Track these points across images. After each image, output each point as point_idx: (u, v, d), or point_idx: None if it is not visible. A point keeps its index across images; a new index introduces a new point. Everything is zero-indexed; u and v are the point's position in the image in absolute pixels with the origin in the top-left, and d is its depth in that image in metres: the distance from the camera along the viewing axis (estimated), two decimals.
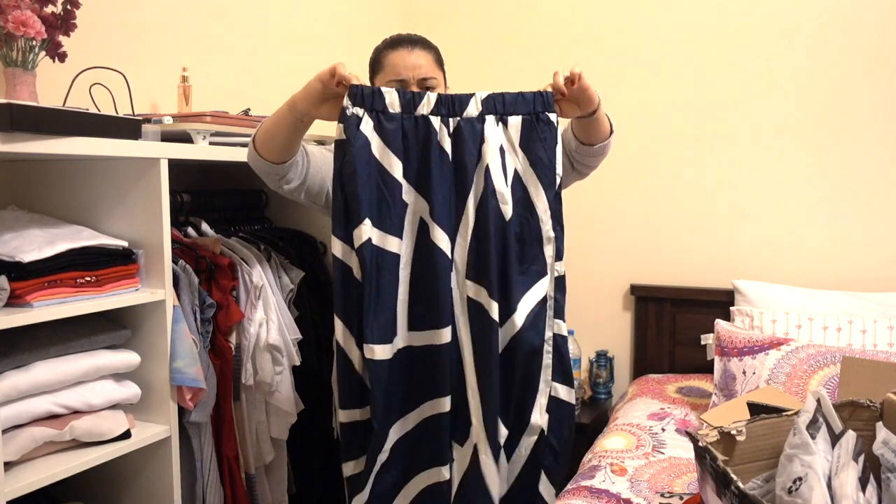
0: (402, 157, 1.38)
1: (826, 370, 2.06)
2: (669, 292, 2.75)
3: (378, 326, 1.36)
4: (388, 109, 1.38)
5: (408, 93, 1.40)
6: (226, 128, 1.69)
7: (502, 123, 1.41)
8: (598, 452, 1.97)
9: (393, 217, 1.38)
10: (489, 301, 1.38)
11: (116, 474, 1.58)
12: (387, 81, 1.58)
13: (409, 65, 1.58)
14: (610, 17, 2.81)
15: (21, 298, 1.30)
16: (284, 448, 1.88)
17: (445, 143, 1.39)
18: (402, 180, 1.39)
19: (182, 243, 1.68)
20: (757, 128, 2.63)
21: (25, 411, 1.31)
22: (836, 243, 2.55)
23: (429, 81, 1.59)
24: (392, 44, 1.63)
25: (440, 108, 1.40)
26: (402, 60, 1.58)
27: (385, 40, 1.67)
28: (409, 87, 1.56)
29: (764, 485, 1.16)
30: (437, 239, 1.38)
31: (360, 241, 1.35)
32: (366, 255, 1.34)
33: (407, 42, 1.61)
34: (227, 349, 1.69)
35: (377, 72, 1.64)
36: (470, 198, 1.40)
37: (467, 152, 1.39)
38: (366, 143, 1.36)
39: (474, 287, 1.40)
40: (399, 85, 1.55)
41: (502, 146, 1.41)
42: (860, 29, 2.47)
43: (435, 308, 1.38)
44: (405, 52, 1.59)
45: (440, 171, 1.38)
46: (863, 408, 1.20)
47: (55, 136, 1.28)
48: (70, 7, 1.50)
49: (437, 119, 1.39)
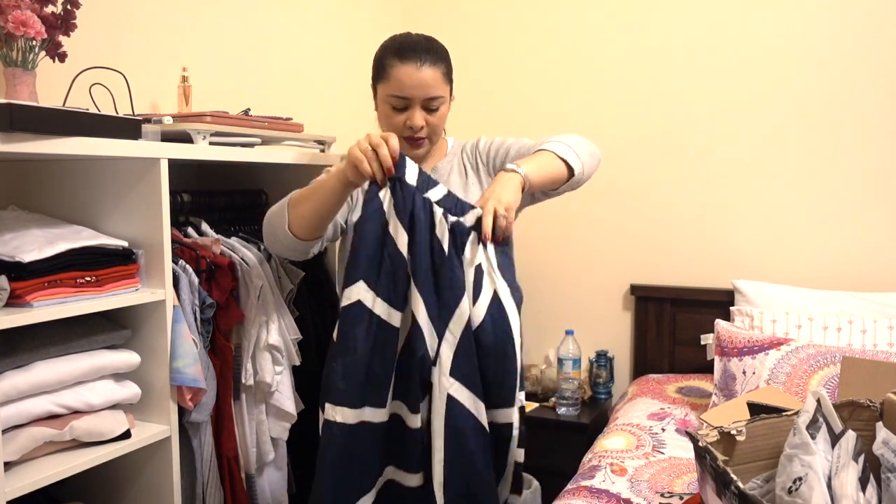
0: (407, 230, 1.36)
1: (826, 370, 2.06)
2: (669, 292, 2.75)
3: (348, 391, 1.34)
4: (406, 179, 1.37)
5: (424, 174, 1.40)
6: (226, 128, 1.69)
7: (482, 245, 1.36)
8: (598, 452, 1.97)
9: (398, 290, 1.36)
10: (474, 401, 1.34)
11: (116, 474, 1.58)
12: (389, 95, 1.56)
13: (416, 83, 1.54)
14: (610, 18, 2.81)
15: (21, 298, 1.30)
16: (284, 448, 1.88)
17: (445, 236, 1.36)
18: (406, 255, 1.36)
19: (182, 243, 1.68)
20: (757, 128, 2.63)
21: (25, 411, 1.31)
22: (836, 243, 2.55)
23: (434, 102, 1.57)
24: (400, 52, 1.55)
25: (445, 202, 1.39)
26: (409, 78, 1.54)
27: (394, 42, 1.59)
28: (414, 106, 1.55)
29: (764, 485, 1.16)
30: (421, 323, 1.34)
31: (348, 300, 1.34)
32: (350, 316, 1.34)
33: (416, 54, 1.55)
34: (227, 349, 1.69)
35: (381, 79, 1.59)
36: (464, 298, 1.35)
37: (461, 253, 1.36)
38: (379, 206, 1.36)
39: (457, 385, 1.33)
40: (402, 102, 1.55)
41: (481, 265, 1.36)
42: (860, 29, 2.47)
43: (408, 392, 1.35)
44: (413, 69, 1.53)
45: (436, 258, 1.36)
46: (863, 408, 1.20)
47: (55, 136, 1.28)
48: (70, 7, 1.50)
49: (441, 210, 1.38)
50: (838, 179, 2.53)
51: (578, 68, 2.87)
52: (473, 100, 2.93)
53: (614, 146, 2.83)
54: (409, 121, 1.57)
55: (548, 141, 1.59)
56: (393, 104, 1.57)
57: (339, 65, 2.70)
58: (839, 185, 2.53)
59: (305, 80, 2.55)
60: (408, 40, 1.58)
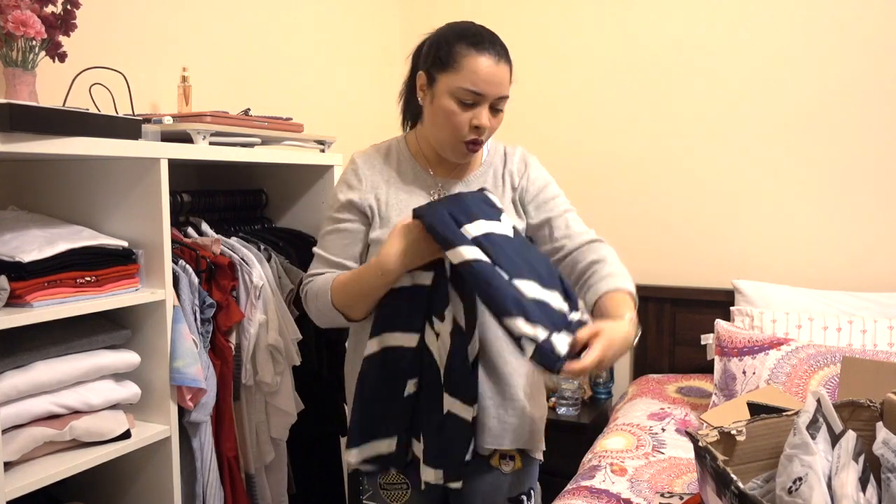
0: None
1: (826, 370, 2.06)
2: (669, 292, 2.75)
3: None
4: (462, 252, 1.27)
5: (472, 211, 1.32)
6: (226, 128, 1.69)
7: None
8: (598, 452, 1.97)
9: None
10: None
11: (116, 474, 1.58)
12: (460, 87, 1.36)
13: (493, 79, 1.36)
14: (609, 18, 2.81)
15: (21, 298, 1.30)
16: (284, 448, 1.88)
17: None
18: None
19: (182, 243, 1.68)
20: (757, 128, 2.63)
21: (25, 411, 1.31)
22: (836, 243, 2.55)
23: (502, 103, 1.40)
24: (476, 42, 1.37)
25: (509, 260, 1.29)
26: (488, 71, 1.35)
27: (462, 29, 1.41)
28: (483, 104, 1.37)
29: (764, 485, 1.16)
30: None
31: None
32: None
33: (494, 47, 1.38)
34: (227, 349, 1.69)
35: (448, 67, 1.37)
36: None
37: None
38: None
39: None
40: (474, 98, 1.36)
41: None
42: (860, 29, 2.46)
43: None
44: (492, 63, 1.36)
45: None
46: (863, 408, 1.20)
47: (55, 136, 1.28)
48: (70, 7, 1.50)
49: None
50: (838, 179, 2.53)
51: (578, 68, 2.87)
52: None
53: (614, 146, 2.83)
54: (477, 120, 1.38)
55: (619, 274, 1.42)
56: (462, 98, 1.36)
57: (339, 65, 2.70)
58: (839, 186, 2.53)
59: (305, 80, 2.55)
60: (481, 30, 1.41)
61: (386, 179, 1.49)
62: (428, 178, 1.50)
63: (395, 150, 1.54)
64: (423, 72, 1.43)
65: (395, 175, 1.50)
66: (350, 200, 1.48)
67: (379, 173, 1.50)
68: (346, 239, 1.48)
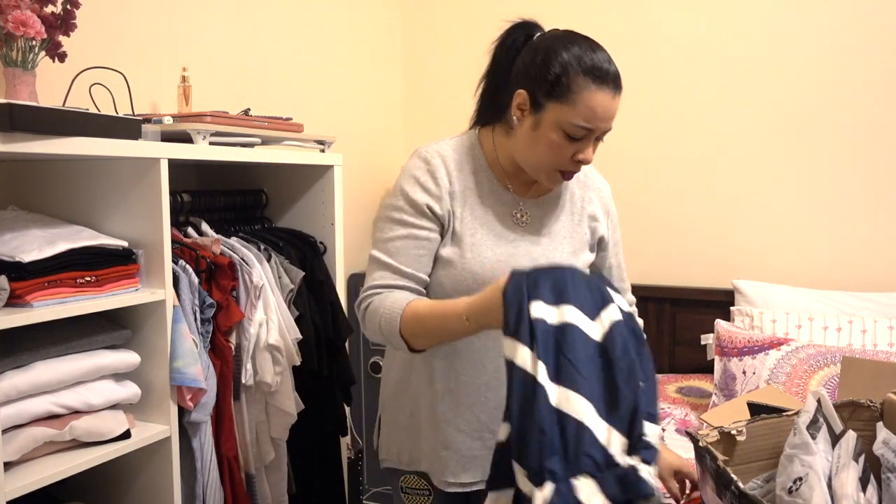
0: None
1: (826, 370, 2.06)
2: (669, 292, 2.74)
3: None
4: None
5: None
6: (226, 128, 1.69)
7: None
8: None
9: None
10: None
11: (116, 474, 1.58)
12: (571, 122, 1.24)
13: (608, 115, 1.26)
14: (609, 18, 2.81)
15: (21, 298, 1.30)
16: (284, 448, 1.88)
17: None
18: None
19: (182, 243, 1.68)
20: (757, 128, 2.63)
21: (25, 411, 1.31)
22: (835, 243, 2.55)
23: (606, 134, 1.31)
24: (597, 75, 1.26)
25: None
26: (604, 108, 1.26)
27: (582, 53, 1.28)
28: (590, 138, 1.27)
29: (764, 485, 1.16)
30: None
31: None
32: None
33: (612, 79, 1.28)
34: (227, 349, 1.69)
35: (562, 99, 1.25)
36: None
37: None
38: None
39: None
40: (583, 133, 1.25)
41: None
42: (860, 30, 2.46)
43: None
44: (609, 98, 1.26)
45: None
46: (863, 408, 1.20)
47: (55, 136, 1.28)
48: (70, 7, 1.50)
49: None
50: (838, 179, 2.53)
51: None
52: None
53: (614, 147, 2.82)
54: (581, 155, 1.28)
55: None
56: (572, 133, 1.25)
57: (339, 65, 2.70)
58: (839, 186, 2.53)
59: (305, 80, 2.55)
60: (602, 61, 1.30)
61: (462, 190, 1.34)
62: (505, 195, 1.37)
63: (471, 154, 1.37)
64: (525, 91, 1.29)
65: (472, 186, 1.35)
66: (429, 205, 1.31)
67: (456, 181, 1.34)
68: (422, 249, 1.31)
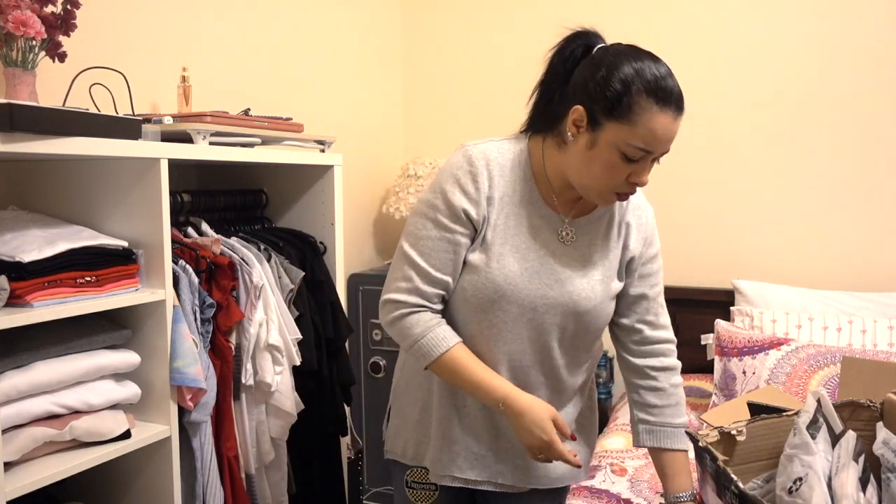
0: None
1: (826, 370, 2.06)
2: (669, 292, 2.72)
3: None
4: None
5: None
6: (226, 128, 1.69)
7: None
8: (598, 452, 1.97)
9: None
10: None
11: (116, 474, 1.58)
12: (630, 143, 1.19)
13: (668, 137, 1.20)
14: (609, 18, 2.81)
15: (21, 298, 1.30)
16: (284, 448, 1.88)
17: None
18: None
19: (182, 243, 1.68)
20: (757, 128, 2.63)
21: (25, 411, 1.31)
22: (835, 243, 2.55)
23: (663, 156, 1.25)
24: (661, 96, 1.19)
25: None
26: (665, 130, 1.19)
27: (645, 77, 1.19)
28: (647, 159, 1.22)
29: (764, 485, 1.16)
30: None
31: None
32: None
33: (675, 101, 1.20)
34: (227, 349, 1.69)
35: (623, 119, 1.19)
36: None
37: None
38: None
39: None
40: (642, 154, 1.20)
41: None
42: (861, 31, 2.47)
43: None
44: (670, 120, 1.19)
45: None
46: (863, 408, 1.20)
47: (55, 136, 1.28)
48: (70, 7, 1.50)
49: None
50: (838, 179, 2.53)
51: None
52: (476, 100, 2.93)
53: None
54: (636, 177, 1.23)
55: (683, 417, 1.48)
56: (630, 154, 1.20)
57: (339, 65, 2.70)
58: (839, 186, 2.53)
59: (305, 80, 2.55)
60: (667, 81, 1.21)
61: (501, 196, 1.31)
62: (544, 209, 1.33)
63: (517, 161, 1.33)
64: (583, 107, 1.23)
65: (512, 194, 1.32)
66: (465, 210, 1.29)
67: (497, 186, 1.30)
68: (455, 254, 1.30)
